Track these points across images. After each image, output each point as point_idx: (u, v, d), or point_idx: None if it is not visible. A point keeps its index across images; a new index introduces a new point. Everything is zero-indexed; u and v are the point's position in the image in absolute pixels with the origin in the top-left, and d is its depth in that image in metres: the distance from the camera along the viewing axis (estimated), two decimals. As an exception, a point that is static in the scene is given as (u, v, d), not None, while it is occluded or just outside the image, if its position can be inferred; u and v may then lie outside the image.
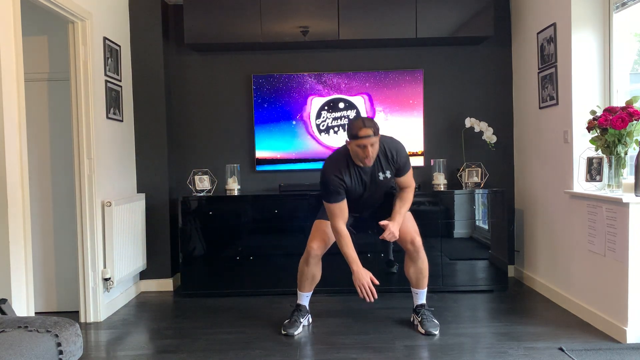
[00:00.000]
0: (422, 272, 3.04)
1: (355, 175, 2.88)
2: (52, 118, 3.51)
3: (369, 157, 2.74)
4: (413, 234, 2.95)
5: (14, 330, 1.67)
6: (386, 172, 2.91)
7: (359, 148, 2.73)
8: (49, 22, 3.43)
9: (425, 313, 3.05)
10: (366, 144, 2.70)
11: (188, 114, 4.29)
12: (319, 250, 2.99)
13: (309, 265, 3.02)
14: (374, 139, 2.71)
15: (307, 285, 3.09)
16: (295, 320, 3.05)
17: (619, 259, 2.78)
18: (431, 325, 2.98)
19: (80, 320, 3.34)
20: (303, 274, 3.06)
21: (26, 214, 2.53)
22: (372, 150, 2.74)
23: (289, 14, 3.94)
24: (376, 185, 2.94)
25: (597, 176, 3.01)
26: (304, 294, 3.12)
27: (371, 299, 2.80)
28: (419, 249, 2.96)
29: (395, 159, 2.90)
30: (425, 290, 3.11)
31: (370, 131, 2.69)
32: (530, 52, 3.87)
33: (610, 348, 2.65)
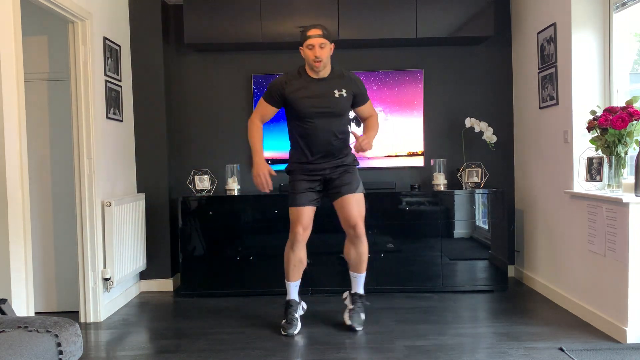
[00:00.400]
0: (362, 255, 3.04)
1: (305, 86, 2.90)
2: (52, 118, 3.51)
3: (319, 58, 2.78)
4: (357, 219, 2.95)
5: (14, 330, 1.67)
6: (342, 90, 2.90)
7: (309, 50, 2.79)
8: (49, 22, 3.43)
9: (359, 305, 3.06)
10: (314, 44, 2.77)
11: (188, 113, 4.29)
12: (304, 233, 2.98)
13: (295, 250, 3.01)
14: (323, 40, 2.78)
15: (295, 272, 3.06)
16: (291, 319, 3.02)
17: (619, 259, 2.77)
18: (358, 320, 3.01)
19: (80, 320, 3.34)
20: (290, 261, 3.04)
21: (26, 214, 2.53)
22: (322, 52, 2.79)
23: (289, 14, 3.94)
24: (329, 102, 2.88)
25: (597, 176, 3.01)
26: (293, 283, 3.08)
27: (266, 189, 2.91)
28: (361, 235, 2.97)
29: (352, 79, 2.96)
30: (364, 275, 3.11)
31: (319, 31, 2.79)
32: (530, 52, 3.87)
33: (610, 348, 2.65)
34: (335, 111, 2.91)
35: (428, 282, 3.83)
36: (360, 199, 3.00)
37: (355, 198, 2.96)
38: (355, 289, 3.14)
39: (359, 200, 2.98)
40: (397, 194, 3.85)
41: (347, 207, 2.95)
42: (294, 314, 3.05)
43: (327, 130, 2.91)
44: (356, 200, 2.96)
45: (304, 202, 2.96)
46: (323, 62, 2.83)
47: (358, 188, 2.99)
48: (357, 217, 2.95)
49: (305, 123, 2.92)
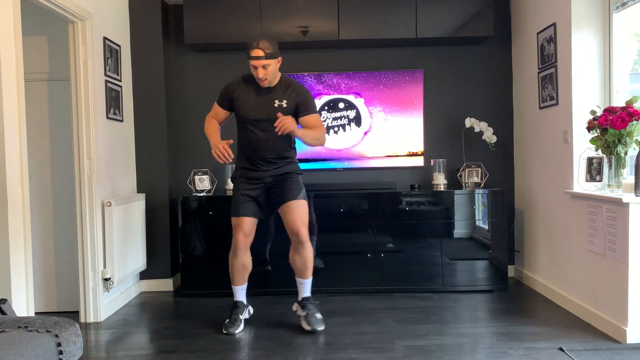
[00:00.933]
0: (307, 262, 3.04)
1: (251, 91, 2.98)
2: (52, 118, 3.51)
3: (261, 80, 2.86)
4: (299, 226, 2.96)
5: (14, 330, 1.67)
6: (282, 100, 2.94)
7: (253, 68, 2.85)
8: (49, 22, 3.43)
9: (311, 308, 3.05)
10: (257, 65, 2.81)
11: (188, 113, 4.29)
12: (245, 240, 3.05)
13: (237, 256, 3.07)
14: (266, 61, 2.80)
15: (239, 277, 3.12)
16: (235, 319, 3.08)
17: (619, 259, 2.78)
18: (316, 321, 3.01)
19: (80, 320, 3.34)
20: (233, 267, 3.11)
21: (26, 214, 2.53)
22: (265, 73, 2.84)
23: (289, 14, 3.94)
24: (269, 110, 2.93)
25: (597, 176, 3.01)
26: (239, 287, 3.14)
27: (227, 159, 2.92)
28: (304, 241, 2.98)
29: (297, 90, 2.97)
30: (310, 281, 3.11)
31: (261, 52, 2.78)
32: (530, 52, 3.87)
33: (610, 348, 2.65)
34: (273, 119, 2.88)
35: (428, 282, 3.83)
36: (303, 205, 3.02)
37: (297, 204, 2.99)
38: (302, 295, 3.13)
39: (301, 206, 3.00)
40: (397, 194, 3.86)
41: (289, 214, 2.98)
42: (239, 315, 3.10)
43: (267, 138, 2.97)
44: (298, 206, 2.99)
45: (244, 212, 3.04)
46: (268, 80, 2.90)
47: (300, 195, 3.02)
48: (300, 224, 2.97)
49: (246, 129, 3.01)
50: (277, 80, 2.99)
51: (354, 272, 3.83)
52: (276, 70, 2.93)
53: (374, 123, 4.14)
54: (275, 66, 2.89)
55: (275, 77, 2.97)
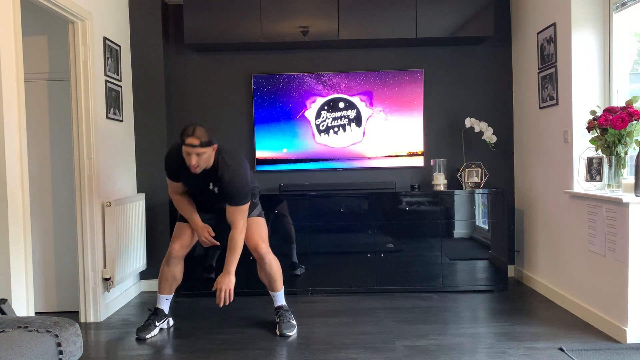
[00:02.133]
0: (272, 276, 3.06)
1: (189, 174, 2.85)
2: (52, 118, 3.51)
3: (193, 166, 2.71)
4: (257, 241, 2.98)
5: (14, 330, 1.67)
6: (215, 187, 2.86)
7: (186, 154, 2.70)
8: (49, 22, 3.43)
9: (284, 315, 3.08)
10: (190, 152, 2.67)
11: (188, 113, 4.29)
12: (180, 250, 3.04)
13: (169, 265, 3.06)
14: (201, 149, 2.67)
15: (166, 287, 3.10)
16: (149, 324, 3.06)
17: (619, 259, 2.78)
18: (286, 327, 3.02)
19: (80, 320, 3.34)
20: (163, 275, 3.08)
21: (26, 214, 2.53)
22: (199, 160, 2.71)
23: (289, 14, 3.94)
24: (208, 192, 2.90)
25: (597, 176, 3.01)
26: (164, 296, 3.11)
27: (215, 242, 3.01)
28: (264, 255, 2.99)
29: (225, 180, 2.80)
30: (282, 292, 3.14)
31: (196, 141, 2.64)
32: (530, 52, 3.87)
33: (610, 348, 2.65)
34: (211, 199, 2.93)
35: (428, 282, 3.83)
36: (259, 221, 3.06)
37: (253, 221, 3.01)
38: (276, 304, 3.15)
39: (258, 223, 3.04)
40: (397, 194, 3.86)
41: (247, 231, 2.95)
42: (155, 322, 3.08)
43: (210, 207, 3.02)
44: (254, 223, 3.02)
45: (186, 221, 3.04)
46: (200, 167, 2.76)
47: (254, 212, 3.04)
48: (257, 239, 2.99)
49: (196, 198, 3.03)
50: (212, 163, 2.82)
51: (354, 272, 3.84)
52: (210, 157, 2.78)
53: (374, 123, 4.14)
54: (209, 154, 2.75)
55: (210, 160, 2.80)
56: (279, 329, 3.02)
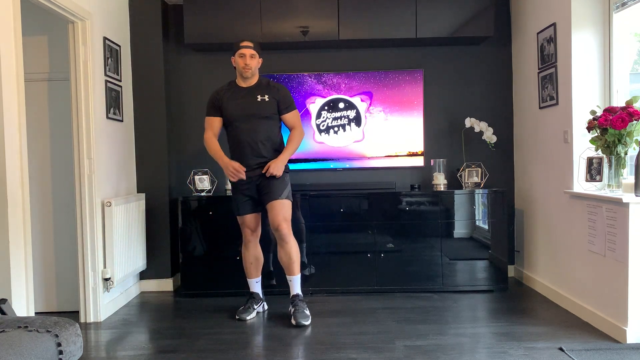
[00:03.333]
0: (290, 257, 3.19)
1: (233, 93, 3.24)
2: (52, 118, 3.51)
3: (248, 66, 3.15)
4: (280, 221, 3.13)
5: (14, 330, 1.67)
6: (264, 95, 3.21)
7: (240, 58, 3.17)
8: (49, 22, 3.42)
9: (298, 304, 3.20)
10: (245, 53, 3.16)
11: (188, 114, 4.29)
12: (253, 235, 3.32)
13: (248, 249, 3.33)
14: (253, 51, 3.17)
15: (252, 270, 3.36)
16: (249, 307, 3.32)
17: (619, 259, 2.78)
18: (302, 316, 3.13)
19: (80, 320, 3.34)
20: (246, 260, 3.36)
21: (26, 214, 2.53)
22: (252, 62, 3.16)
23: (289, 14, 3.94)
24: (252, 105, 3.18)
25: (597, 176, 3.01)
26: (253, 280, 3.38)
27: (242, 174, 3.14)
28: (285, 235, 3.15)
29: (277, 87, 3.26)
30: (298, 278, 3.26)
31: (251, 44, 3.19)
32: (530, 52, 3.87)
33: (610, 348, 2.65)
34: (257, 113, 3.18)
35: (428, 282, 3.83)
36: (286, 204, 3.20)
37: (280, 203, 3.17)
38: (292, 292, 3.26)
39: (284, 205, 3.18)
40: (397, 194, 3.86)
41: (271, 212, 3.16)
42: (253, 305, 3.34)
43: (252, 132, 3.19)
44: (281, 205, 3.17)
45: (245, 211, 3.27)
46: (251, 70, 3.18)
47: (283, 194, 3.19)
48: (281, 219, 3.14)
49: (233, 126, 3.22)
50: (256, 80, 3.27)
51: (354, 272, 3.84)
52: (257, 67, 3.24)
53: (374, 123, 4.14)
54: (258, 61, 3.22)
55: (255, 74, 3.26)
56: (295, 319, 3.11)
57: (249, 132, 3.18)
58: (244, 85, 3.25)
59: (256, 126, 3.18)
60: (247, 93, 3.22)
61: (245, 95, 3.22)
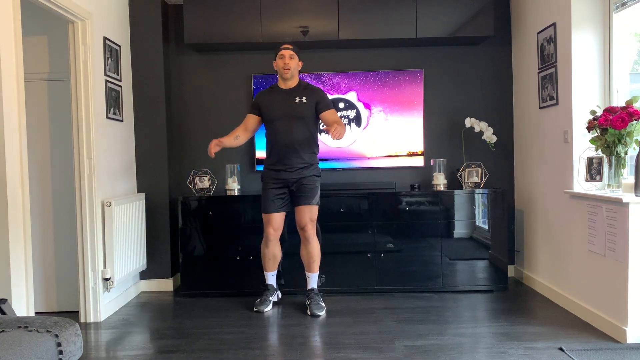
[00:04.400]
0: (312, 256, 3.45)
1: (274, 94, 3.42)
2: (52, 118, 3.51)
3: (287, 66, 3.30)
4: (307, 222, 3.38)
5: (14, 330, 1.67)
6: (302, 97, 3.35)
7: (280, 59, 3.33)
8: (49, 22, 3.43)
9: (314, 297, 3.42)
10: (285, 54, 3.32)
11: (188, 114, 4.29)
12: (275, 233, 3.45)
13: (268, 247, 3.49)
14: (292, 52, 3.34)
15: (270, 264, 3.54)
16: (265, 299, 3.50)
17: (619, 259, 2.78)
18: (317, 307, 3.34)
19: (80, 320, 3.34)
20: (265, 256, 3.52)
21: (26, 214, 2.53)
22: (291, 63, 3.32)
23: (289, 14, 3.94)
24: (291, 107, 3.34)
25: (597, 176, 3.01)
26: (270, 273, 3.57)
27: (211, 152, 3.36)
28: (310, 236, 3.40)
29: (314, 90, 3.42)
30: (317, 275, 3.51)
31: (290, 46, 3.36)
32: (530, 52, 3.87)
33: (610, 348, 2.65)
34: (295, 114, 3.33)
35: (428, 282, 3.83)
36: (313, 208, 3.41)
37: (308, 207, 3.39)
38: (309, 286, 3.52)
39: (311, 209, 3.40)
40: (397, 194, 3.86)
41: (300, 214, 3.39)
42: (269, 296, 3.52)
43: (290, 133, 3.33)
44: (309, 209, 3.39)
45: (272, 209, 3.41)
46: (291, 71, 3.33)
47: (314, 200, 3.40)
48: (307, 220, 3.38)
49: (272, 125, 3.39)
50: (296, 82, 3.43)
51: (354, 272, 3.84)
52: (297, 69, 3.39)
53: (374, 123, 4.14)
54: (297, 63, 3.38)
55: (295, 76, 3.41)
56: (310, 309, 3.33)
57: (286, 132, 3.33)
58: (284, 87, 3.41)
59: (294, 127, 3.33)
60: (287, 95, 3.37)
61: (285, 96, 3.37)
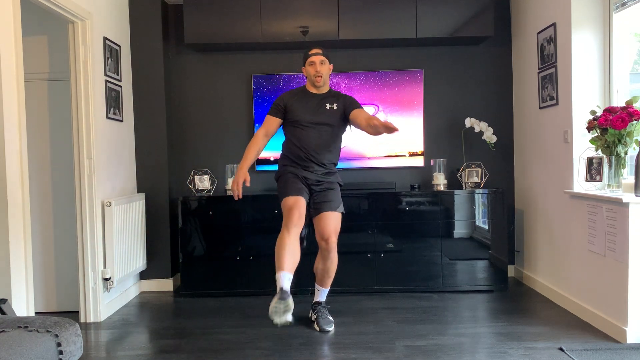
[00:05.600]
0: (328, 272, 3.10)
1: (304, 98, 3.14)
2: (52, 118, 3.51)
3: (319, 73, 3.07)
4: (331, 233, 2.97)
5: (14, 330, 1.67)
6: (333, 104, 3.13)
7: (311, 66, 3.10)
8: (49, 22, 3.42)
9: (321, 310, 3.17)
10: (315, 61, 3.09)
11: (188, 113, 4.29)
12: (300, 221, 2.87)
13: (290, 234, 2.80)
14: (323, 57, 3.10)
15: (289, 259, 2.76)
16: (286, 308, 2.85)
17: (619, 259, 2.78)
18: (325, 322, 3.10)
19: (80, 320, 3.34)
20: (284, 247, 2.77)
21: (26, 214, 2.53)
22: (322, 69, 3.09)
23: (289, 14, 3.94)
24: (321, 113, 3.09)
25: (597, 176, 3.01)
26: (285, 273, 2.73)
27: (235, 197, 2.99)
28: (332, 249, 2.99)
29: (344, 96, 3.18)
30: (327, 291, 3.22)
31: (320, 51, 3.12)
32: (530, 52, 3.87)
33: (610, 348, 2.65)
34: (324, 121, 3.08)
35: (428, 282, 3.83)
36: (338, 217, 3.06)
37: (334, 215, 3.03)
38: (317, 299, 3.24)
39: (336, 217, 3.05)
40: (397, 194, 3.86)
41: (324, 222, 2.99)
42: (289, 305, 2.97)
43: (317, 139, 3.08)
44: (334, 217, 3.03)
45: (297, 191, 2.96)
46: (323, 78, 3.10)
47: (338, 207, 3.06)
48: (332, 231, 2.99)
49: (298, 129, 3.10)
50: (327, 89, 3.20)
51: (354, 272, 3.83)
52: (328, 74, 3.16)
53: (374, 123, 4.14)
54: (328, 68, 3.14)
55: (326, 82, 3.18)
56: (318, 325, 3.09)
57: (313, 138, 3.06)
58: (314, 91, 3.15)
59: (322, 134, 3.08)
60: (318, 100, 3.12)
61: (316, 101, 3.12)
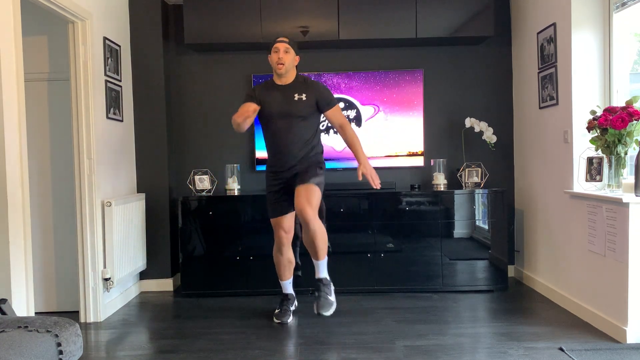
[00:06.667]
0: (313, 241, 2.98)
1: (272, 91, 3.12)
2: (52, 118, 3.51)
3: (281, 61, 3.03)
4: (304, 204, 2.92)
5: (14, 330, 1.67)
6: (302, 94, 3.09)
7: (275, 53, 3.05)
8: (49, 22, 3.42)
9: (322, 290, 3.04)
10: (279, 48, 3.05)
11: (188, 113, 4.29)
12: (286, 236, 3.20)
13: (282, 253, 3.23)
14: (287, 46, 3.06)
15: (287, 272, 3.31)
16: (286, 310, 3.29)
17: (619, 259, 2.78)
18: (323, 304, 2.99)
19: (80, 320, 3.34)
20: (280, 263, 3.27)
21: (26, 214, 2.53)
22: (285, 57, 3.04)
23: (289, 14, 3.94)
24: (290, 105, 3.06)
25: (597, 176, 3.01)
26: (286, 282, 3.34)
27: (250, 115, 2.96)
28: (310, 221, 2.91)
29: (314, 85, 3.14)
30: (324, 262, 3.08)
31: (286, 39, 3.09)
32: (530, 52, 3.87)
33: (610, 348, 2.65)
34: (294, 112, 3.06)
35: (428, 282, 3.83)
36: (311, 188, 2.99)
37: (305, 187, 2.98)
38: (317, 275, 3.11)
39: (308, 189, 2.98)
40: (397, 194, 3.86)
41: (296, 197, 2.98)
42: (289, 306, 3.33)
43: (289, 133, 3.07)
44: (305, 188, 2.98)
45: (279, 212, 3.16)
46: (285, 67, 3.04)
47: (310, 180, 3.00)
48: (304, 203, 2.92)
49: (270, 125, 3.13)
50: (293, 77, 3.15)
51: (354, 272, 3.84)
52: (293, 64, 3.10)
53: (374, 123, 4.14)
54: (293, 57, 3.09)
55: (291, 71, 3.12)
56: (317, 307, 3.00)
57: (286, 132, 3.06)
58: (279, 82, 3.12)
59: (292, 126, 3.05)
60: (284, 91, 3.09)
61: (282, 93, 3.09)
